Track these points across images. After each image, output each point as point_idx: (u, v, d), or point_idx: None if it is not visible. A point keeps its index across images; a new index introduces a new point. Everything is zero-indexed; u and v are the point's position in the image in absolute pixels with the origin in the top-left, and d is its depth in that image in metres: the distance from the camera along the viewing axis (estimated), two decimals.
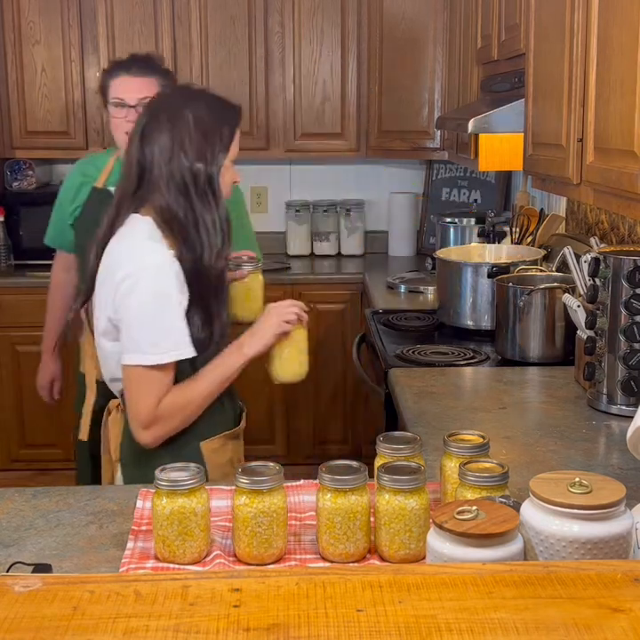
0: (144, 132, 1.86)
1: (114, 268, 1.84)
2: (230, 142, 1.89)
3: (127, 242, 1.85)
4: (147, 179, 1.85)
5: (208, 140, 1.85)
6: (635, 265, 1.97)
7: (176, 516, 1.40)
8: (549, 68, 2.19)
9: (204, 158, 1.84)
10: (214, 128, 1.87)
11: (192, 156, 1.83)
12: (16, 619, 0.86)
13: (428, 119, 4.25)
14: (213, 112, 1.90)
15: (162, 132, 1.83)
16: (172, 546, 1.41)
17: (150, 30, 4.24)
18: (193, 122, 1.84)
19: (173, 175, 1.82)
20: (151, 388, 1.83)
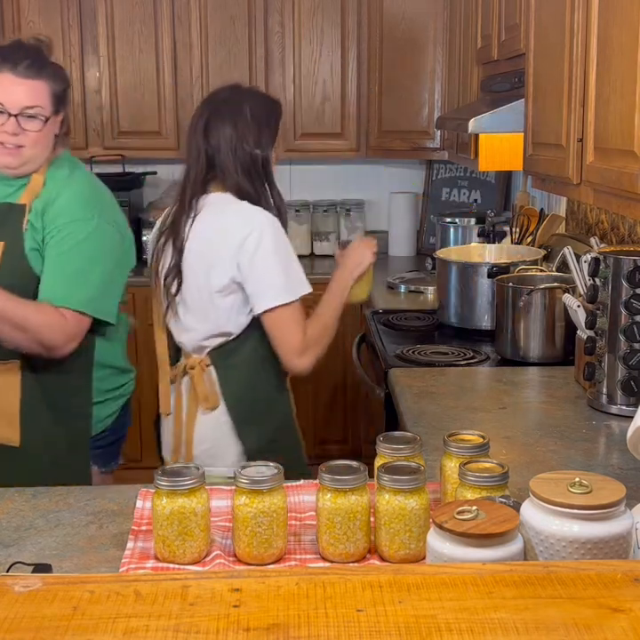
0: (208, 126, 2.18)
1: (228, 234, 2.13)
2: (277, 131, 2.27)
3: (230, 211, 2.17)
4: (215, 164, 2.18)
5: (262, 130, 2.20)
6: (635, 265, 1.97)
7: (176, 516, 1.40)
8: (549, 68, 2.19)
9: (260, 145, 2.20)
10: (266, 119, 2.22)
11: (251, 144, 2.18)
12: (16, 619, 0.86)
13: (428, 119, 4.25)
14: (264, 106, 2.25)
15: (225, 124, 2.17)
16: (172, 546, 1.41)
17: (150, 30, 4.24)
18: (250, 115, 2.18)
19: (238, 160, 2.17)
20: (295, 322, 2.16)
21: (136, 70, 4.28)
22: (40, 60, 2.10)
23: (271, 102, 2.29)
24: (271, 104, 2.29)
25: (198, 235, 2.18)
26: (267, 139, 2.22)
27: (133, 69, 4.28)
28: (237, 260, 2.12)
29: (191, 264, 2.20)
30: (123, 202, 4.23)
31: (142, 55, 4.26)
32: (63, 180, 2.15)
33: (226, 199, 2.18)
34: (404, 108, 4.26)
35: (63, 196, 2.11)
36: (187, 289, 2.21)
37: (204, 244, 2.17)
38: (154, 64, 4.26)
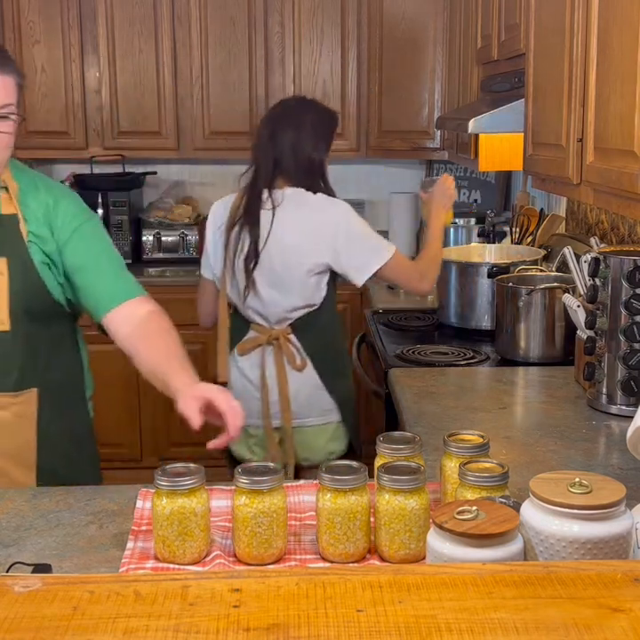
0: (274, 132, 2.59)
1: (318, 224, 2.55)
2: (332, 138, 2.66)
3: (313, 202, 2.57)
4: (281, 165, 2.57)
5: (319, 138, 2.60)
6: (635, 265, 1.97)
7: (176, 517, 1.40)
8: (549, 68, 2.19)
9: (317, 150, 2.59)
10: (322, 129, 2.63)
11: (310, 149, 2.58)
12: (16, 619, 0.86)
13: (428, 119, 4.25)
14: (322, 117, 2.67)
15: (288, 132, 2.58)
16: (172, 546, 1.41)
17: (150, 30, 4.24)
18: (310, 124, 2.60)
19: (299, 163, 2.57)
20: (402, 262, 2.64)
21: (136, 70, 4.28)
22: (3, 51, 1.85)
23: (329, 114, 2.70)
24: (329, 115, 2.70)
25: (285, 223, 2.55)
26: (322, 145, 2.61)
27: (133, 69, 4.28)
28: (334, 246, 2.54)
29: (279, 248, 2.56)
30: (123, 202, 4.26)
31: (142, 55, 4.26)
32: (37, 181, 1.96)
33: (301, 193, 2.58)
34: (404, 107, 4.26)
35: (61, 198, 1.94)
36: (271, 269, 2.57)
37: (294, 231, 2.55)
38: (154, 64, 4.26)
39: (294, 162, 2.56)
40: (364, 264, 2.58)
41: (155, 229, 4.38)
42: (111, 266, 1.96)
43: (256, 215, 2.56)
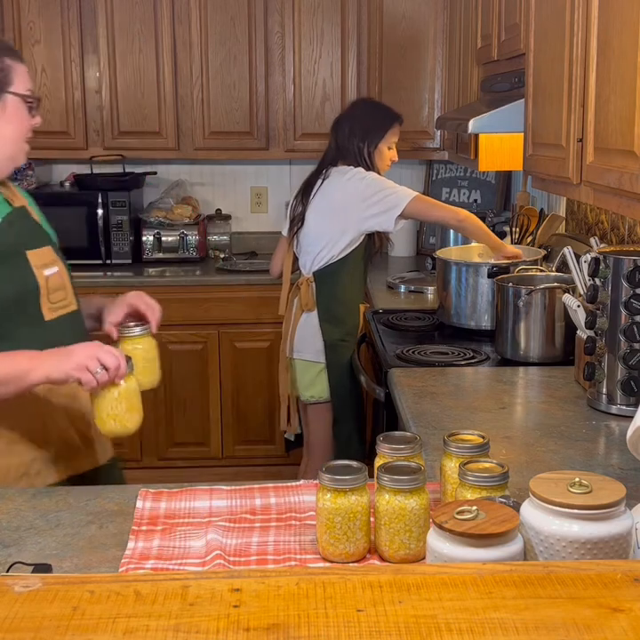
0: (336, 125, 3.30)
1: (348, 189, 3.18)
2: (383, 133, 3.24)
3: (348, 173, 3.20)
4: (339, 151, 3.25)
5: (368, 131, 3.22)
6: (635, 265, 1.97)
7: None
8: (549, 68, 2.19)
9: (364, 141, 3.22)
10: (372, 123, 3.24)
11: (358, 139, 3.21)
12: (16, 619, 0.86)
13: (428, 119, 4.25)
14: (373, 113, 3.28)
15: (344, 126, 3.26)
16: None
17: (150, 30, 4.24)
18: (362, 120, 3.24)
19: (350, 149, 3.22)
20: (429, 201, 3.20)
21: (136, 70, 4.28)
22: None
23: (380, 111, 3.31)
24: (380, 112, 3.30)
25: (325, 192, 3.21)
26: (370, 137, 3.22)
27: (133, 69, 4.27)
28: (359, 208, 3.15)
29: (318, 211, 3.23)
30: (123, 202, 4.26)
31: (142, 55, 4.26)
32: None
33: (347, 168, 3.20)
34: (404, 107, 4.24)
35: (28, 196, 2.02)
36: (310, 228, 3.25)
37: (331, 198, 3.19)
38: (154, 64, 4.26)
39: (347, 149, 3.22)
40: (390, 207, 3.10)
41: (155, 229, 4.38)
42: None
43: (311, 186, 3.25)
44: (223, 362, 4.20)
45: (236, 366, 4.21)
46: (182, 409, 4.16)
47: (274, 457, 4.21)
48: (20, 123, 1.83)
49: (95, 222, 4.24)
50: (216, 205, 4.73)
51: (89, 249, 4.26)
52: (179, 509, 1.61)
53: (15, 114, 1.81)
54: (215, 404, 4.22)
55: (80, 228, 4.25)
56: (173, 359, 4.09)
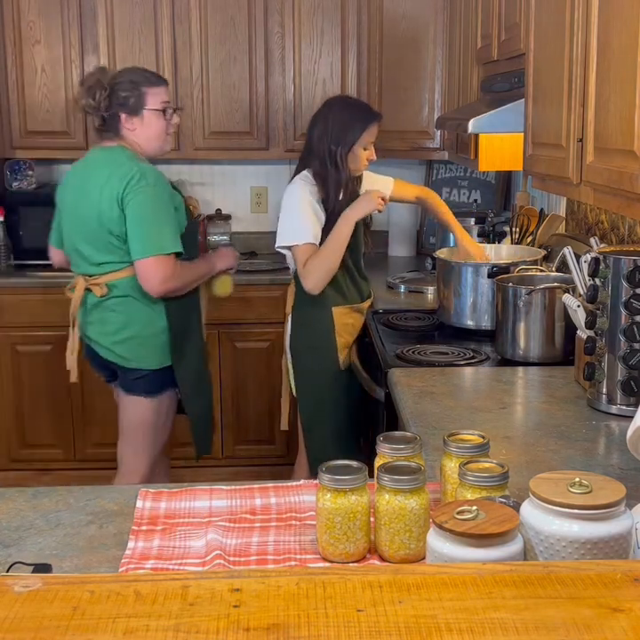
0: (310, 126, 3.11)
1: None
2: (358, 135, 3.02)
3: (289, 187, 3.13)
4: (310, 153, 3.08)
5: (341, 132, 3.01)
6: (635, 265, 1.97)
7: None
8: (549, 68, 2.19)
9: (337, 143, 3.00)
10: (346, 124, 3.02)
11: (330, 141, 3.01)
12: (16, 619, 0.86)
13: (428, 119, 4.25)
14: (348, 113, 3.05)
15: (317, 126, 3.06)
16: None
17: (150, 30, 4.24)
18: (334, 119, 3.02)
19: (320, 152, 3.02)
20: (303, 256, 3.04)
21: None
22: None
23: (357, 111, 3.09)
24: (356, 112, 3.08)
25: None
26: (344, 139, 3.01)
27: None
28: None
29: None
30: None
31: (142, 55, 4.26)
32: None
33: (297, 177, 3.08)
34: (403, 107, 4.26)
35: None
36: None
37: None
38: (154, 64, 4.25)
39: (318, 149, 3.04)
40: (278, 235, 3.09)
41: None
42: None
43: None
44: (223, 362, 4.20)
45: (235, 366, 4.22)
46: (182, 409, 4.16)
47: (274, 457, 4.21)
48: (157, 127, 2.93)
49: None
50: (216, 205, 4.73)
51: None
52: (179, 509, 1.61)
53: (151, 122, 2.92)
54: (215, 403, 4.21)
55: None
56: None
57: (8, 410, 4.14)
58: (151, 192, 2.81)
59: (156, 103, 2.90)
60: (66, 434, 4.16)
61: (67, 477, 4.03)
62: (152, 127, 2.92)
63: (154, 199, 2.82)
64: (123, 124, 2.91)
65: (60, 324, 4.07)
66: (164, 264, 2.83)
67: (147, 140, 2.93)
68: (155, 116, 2.91)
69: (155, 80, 2.94)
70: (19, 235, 4.27)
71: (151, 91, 2.90)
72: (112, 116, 2.91)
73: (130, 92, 2.88)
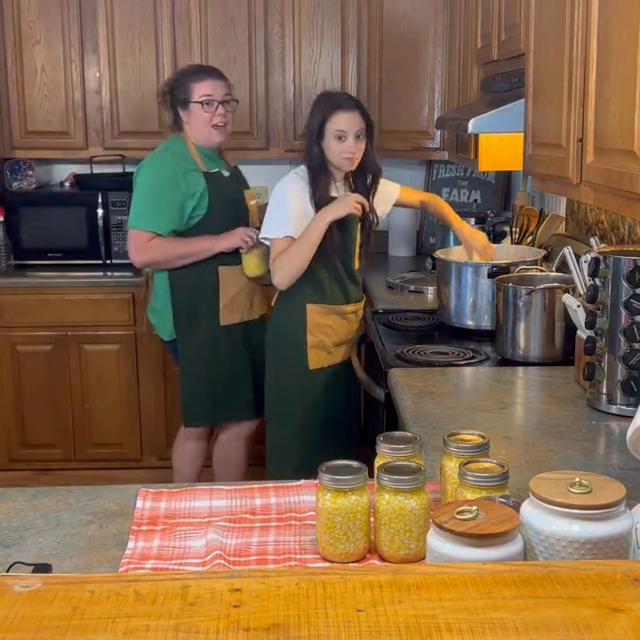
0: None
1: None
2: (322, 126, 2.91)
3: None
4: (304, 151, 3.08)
5: (311, 126, 2.96)
6: (635, 265, 1.97)
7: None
8: (549, 68, 2.19)
9: (311, 137, 2.95)
10: (313, 117, 2.96)
11: (307, 137, 2.98)
12: (16, 619, 0.86)
13: (428, 119, 4.25)
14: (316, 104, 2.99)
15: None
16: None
17: (150, 30, 4.24)
18: (310, 114, 3.00)
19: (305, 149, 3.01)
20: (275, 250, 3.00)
21: (136, 70, 4.28)
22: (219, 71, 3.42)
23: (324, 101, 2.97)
24: (323, 102, 2.97)
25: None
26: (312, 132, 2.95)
27: (133, 69, 4.27)
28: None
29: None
30: (123, 202, 4.26)
31: (142, 55, 4.26)
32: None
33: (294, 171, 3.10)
34: (404, 107, 4.26)
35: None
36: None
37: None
38: (154, 64, 4.26)
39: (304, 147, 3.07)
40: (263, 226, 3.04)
41: None
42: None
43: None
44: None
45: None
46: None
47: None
48: (200, 119, 3.23)
49: (95, 222, 4.24)
50: None
51: (89, 249, 4.26)
52: (179, 509, 1.61)
53: (195, 114, 3.24)
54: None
55: (80, 228, 4.25)
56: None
57: (8, 410, 4.14)
58: (148, 173, 3.21)
59: (199, 96, 3.21)
60: (66, 434, 4.16)
61: (67, 477, 4.03)
62: (197, 119, 3.23)
63: (150, 180, 3.20)
64: (181, 118, 3.27)
65: (60, 324, 4.09)
66: (137, 238, 3.20)
67: (195, 131, 3.26)
68: (197, 109, 3.22)
69: (202, 75, 3.26)
70: (19, 235, 4.27)
71: (195, 85, 3.22)
72: (174, 111, 3.29)
73: (180, 88, 3.25)
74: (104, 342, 4.12)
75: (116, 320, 4.09)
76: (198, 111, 3.22)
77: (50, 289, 4.09)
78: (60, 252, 4.26)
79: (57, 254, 4.26)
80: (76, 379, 4.11)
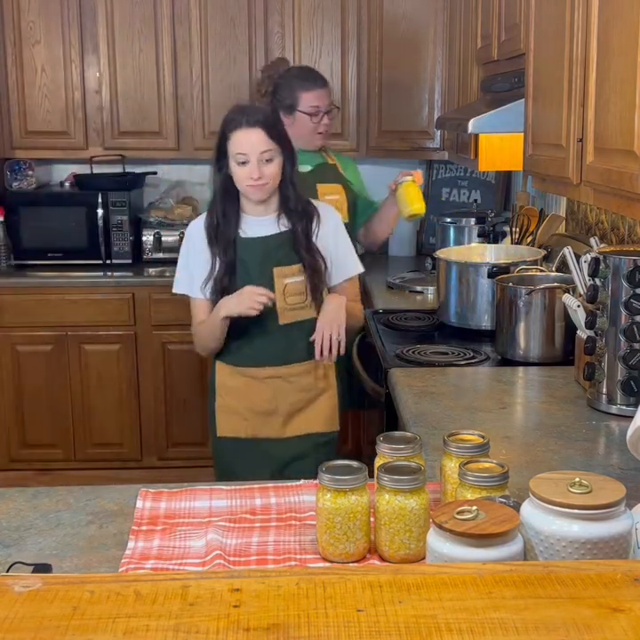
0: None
1: None
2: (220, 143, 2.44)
3: None
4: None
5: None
6: (635, 265, 1.97)
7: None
8: (549, 68, 2.19)
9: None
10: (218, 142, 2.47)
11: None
12: (16, 619, 0.86)
13: (428, 119, 4.25)
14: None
15: None
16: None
17: (150, 30, 4.24)
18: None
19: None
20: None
21: (136, 70, 4.28)
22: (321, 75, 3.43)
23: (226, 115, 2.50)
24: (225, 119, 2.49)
25: None
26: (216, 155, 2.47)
27: (133, 69, 4.27)
28: None
29: None
30: (123, 202, 4.26)
31: (142, 55, 4.26)
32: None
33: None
34: (404, 107, 4.26)
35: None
36: None
37: None
38: (154, 64, 4.26)
39: None
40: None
41: (155, 229, 4.38)
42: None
43: None
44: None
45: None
46: (182, 409, 4.16)
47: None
48: (305, 127, 3.25)
49: (95, 222, 4.24)
50: None
51: (89, 249, 4.26)
52: (179, 509, 1.61)
53: (300, 122, 3.24)
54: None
55: (80, 228, 4.25)
56: (173, 359, 4.09)
57: (8, 410, 4.14)
58: None
59: (307, 107, 3.24)
60: (66, 434, 4.16)
61: (67, 477, 4.03)
62: (301, 127, 3.25)
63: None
64: (282, 118, 3.04)
65: (60, 324, 4.09)
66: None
67: (295, 136, 2.99)
68: (304, 118, 3.25)
69: (309, 85, 3.26)
70: (19, 235, 4.27)
71: (304, 95, 3.24)
72: (273, 110, 3.08)
73: (286, 94, 3.24)
74: (104, 342, 4.12)
75: (115, 320, 4.09)
76: (304, 120, 3.26)
77: (50, 289, 4.08)
78: (60, 251, 4.26)
79: (57, 254, 4.26)
80: (76, 379, 4.11)
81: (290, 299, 2.50)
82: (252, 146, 2.38)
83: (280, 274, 2.49)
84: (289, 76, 3.33)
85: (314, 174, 3.32)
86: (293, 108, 3.26)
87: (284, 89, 3.27)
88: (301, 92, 3.25)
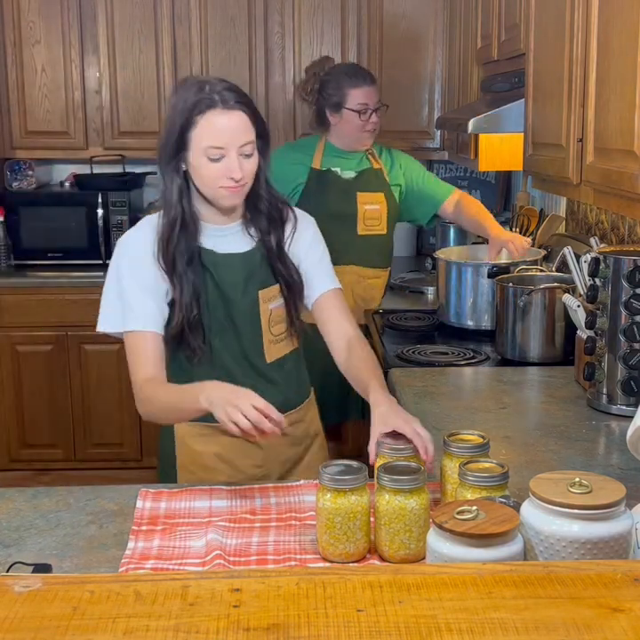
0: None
1: None
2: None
3: None
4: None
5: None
6: (635, 265, 1.97)
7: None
8: (549, 68, 2.19)
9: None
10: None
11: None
12: (16, 619, 0.86)
13: (428, 119, 4.25)
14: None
15: None
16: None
17: (150, 30, 4.23)
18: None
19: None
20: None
21: (136, 70, 4.27)
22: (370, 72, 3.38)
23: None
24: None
25: None
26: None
27: (133, 69, 4.27)
28: None
29: None
30: (123, 202, 4.26)
31: (142, 55, 4.26)
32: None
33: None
34: (404, 108, 4.25)
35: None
36: None
37: None
38: (154, 64, 4.26)
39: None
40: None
41: None
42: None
43: None
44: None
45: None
46: None
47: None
48: (353, 125, 3.18)
49: (95, 222, 4.24)
50: None
51: (89, 249, 4.26)
52: (179, 509, 1.61)
53: (347, 120, 3.18)
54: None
55: (80, 228, 4.25)
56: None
57: (8, 410, 4.14)
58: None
59: (355, 104, 3.15)
60: (66, 434, 4.16)
61: (67, 477, 4.03)
62: (348, 125, 3.19)
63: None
64: (328, 117, 3.22)
65: (60, 324, 4.08)
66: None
67: (341, 134, 3.22)
68: (352, 116, 3.17)
69: (357, 82, 3.16)
70: (19, 235, 4.27)
71: (352, 92, 3.15)
72: (319, 108, 3.24)
73: (334, 91, 3.17)
74: (104, 342, 4.10)
75: None
76: (352, 118, 3.17)
77: (50, 289, 4.08)
78: (60, 251, 4.26)
79: (57, 254, 4.26)
80: (76, 379, 4.10)
81: (275, 328, 1.96)
82: (232, 135, 1.78)
83: (265, 297, 1.94)
84: (336, 72, 3.24)
85: (356, 181, 3.27)
86: (340, 106, 3.17)
87: (330, 86, 3.19)
88: (349, 88, 3.15)
